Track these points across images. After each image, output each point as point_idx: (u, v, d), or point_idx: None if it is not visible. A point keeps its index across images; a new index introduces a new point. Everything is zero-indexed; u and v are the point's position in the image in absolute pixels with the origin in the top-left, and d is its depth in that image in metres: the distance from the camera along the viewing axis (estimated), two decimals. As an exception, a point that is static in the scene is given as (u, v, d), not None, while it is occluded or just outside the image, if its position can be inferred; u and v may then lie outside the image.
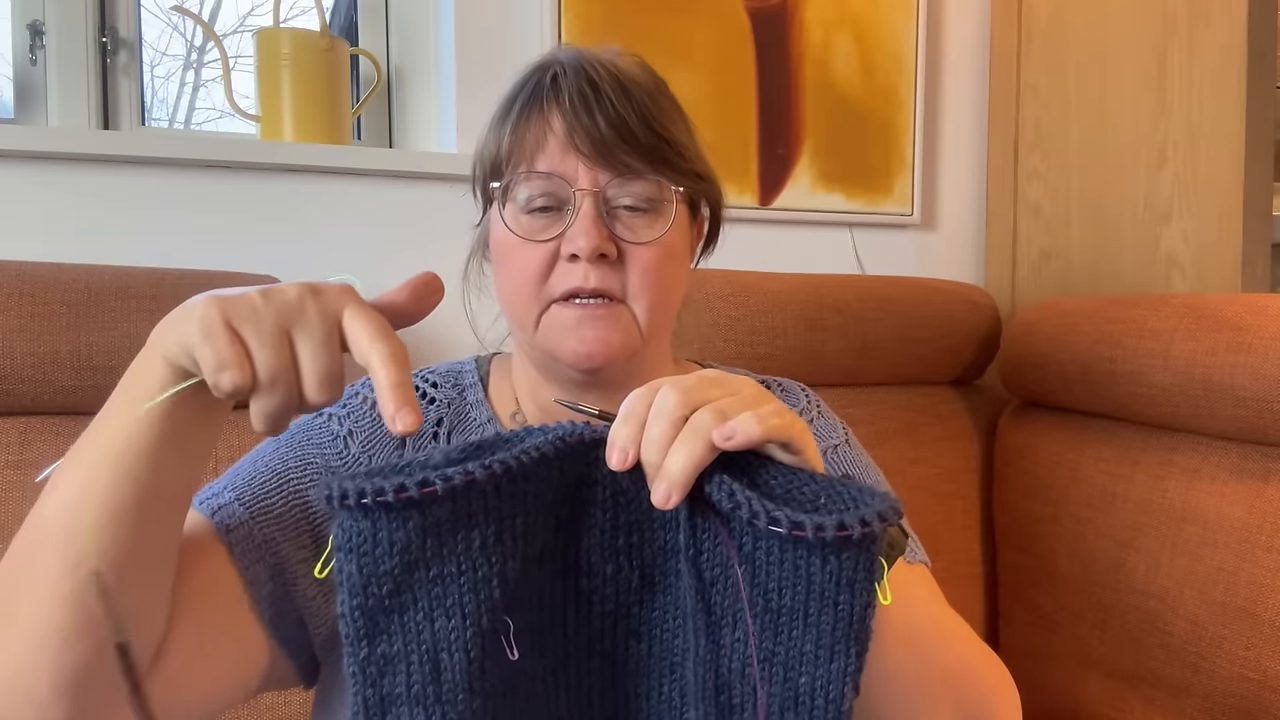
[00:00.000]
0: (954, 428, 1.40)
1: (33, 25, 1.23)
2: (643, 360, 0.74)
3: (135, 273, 0.99)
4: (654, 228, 0.69)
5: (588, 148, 0.67)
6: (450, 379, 0.80)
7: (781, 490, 0.48)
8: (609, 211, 0.69)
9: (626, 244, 0.68)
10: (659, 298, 0.70)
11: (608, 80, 0.68)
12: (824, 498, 0.47)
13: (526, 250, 0.69)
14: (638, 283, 0.69)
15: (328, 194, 1.24)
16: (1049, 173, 1.53)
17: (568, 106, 0.67)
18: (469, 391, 0.79)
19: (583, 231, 0.66)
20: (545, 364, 0.74)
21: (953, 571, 1.34)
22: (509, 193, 0.70)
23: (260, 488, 0.66)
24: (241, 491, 0.65)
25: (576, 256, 0.67)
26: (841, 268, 1.58)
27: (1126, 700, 1.14)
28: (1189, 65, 1.29)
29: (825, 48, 1.55)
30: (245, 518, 0.64)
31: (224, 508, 0.64)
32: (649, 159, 0.69)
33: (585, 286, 0.67)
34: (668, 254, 0.70)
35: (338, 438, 0.71)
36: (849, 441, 0.85)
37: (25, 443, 0.93)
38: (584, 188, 0.67)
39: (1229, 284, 1.25)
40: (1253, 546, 1.02)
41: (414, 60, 1.42)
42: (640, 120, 0.68)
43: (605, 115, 0.67)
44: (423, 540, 0.44)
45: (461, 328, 0.84)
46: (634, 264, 0.69)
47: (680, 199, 0.71)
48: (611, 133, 0.67)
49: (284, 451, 0.69)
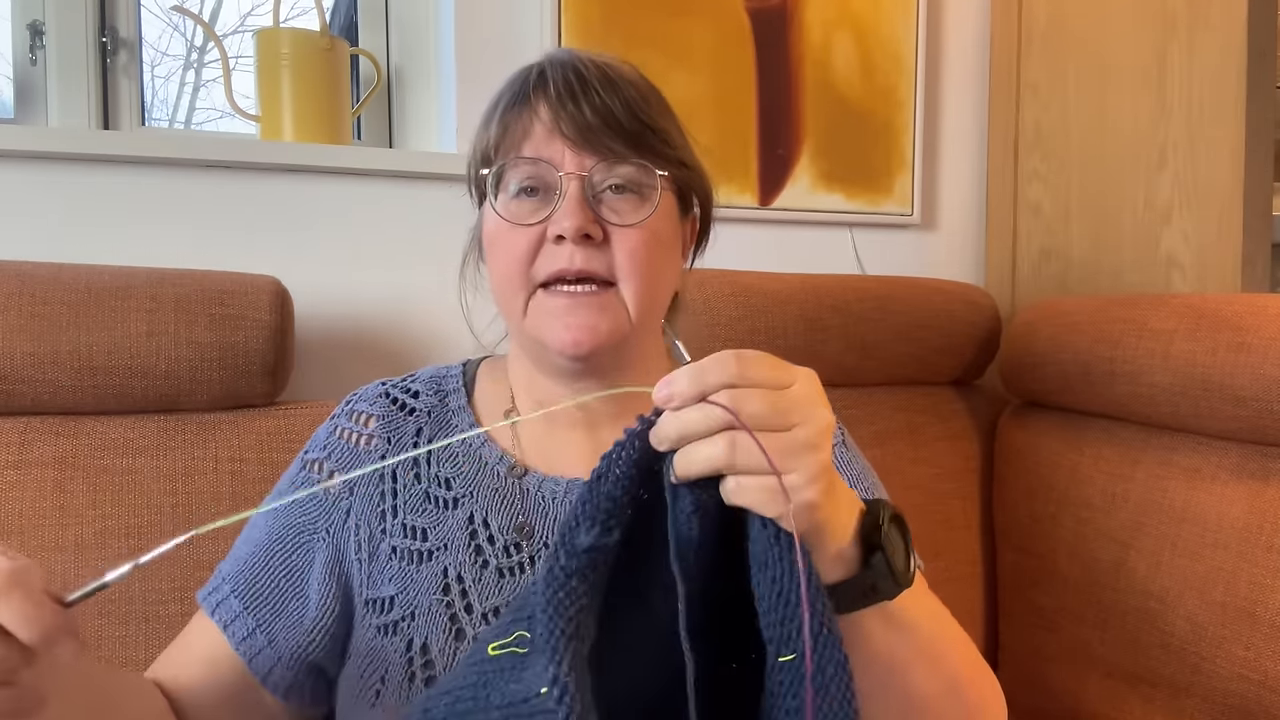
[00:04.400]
0: (954, 428, 1.40)
1: (33, 25, 1.23)
2: (633, 348, 0.74)
3: (135, 273, 0.99)
4: (639, 211, 0.70)
5: (573, 133, 0.68)
6: (433, 385, 0.81)
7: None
8: (595, 196, 0.69)
9: (612, 226, 0.69)
10: (646, 281, 0.70)
11: (595, 74, 0.70)
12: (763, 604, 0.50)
13: (515, 234, 0.69)
14: (625, 264, 0.69)
15: (328, 194, 1.24)
16: (1049, 173, 1.53)
17: (554, 95, 0.69)
18: (451, 397, 0.80)
19: (568, 213, 0.67)
20: (537, 353, 0.74)
21: (953, 571, 1.34)
22: (500, 181, 0.71)
23: (272, 603, 0.73)
24: (257, 613, 0.73)
25: (562, 238, 0.67)
26: (841, 268, 1.58)
27: (1126, 700, 1.14)
28: (1189, 66, 1.29)
29: (825, 48, 1.55)
30: (265, 644, 0.72)
31: (247, 639, 0.72)
32: (634, 144, 0.69)
33: (570, 268, 0.67)
34: (654, 238, 0.70)
35: (325, 491, 0.75)
36: (845, 442, 0.85)
37: (25, 443, 0.93)
38: (570, 171, 0.68)
39: (1229, 284, 1.25)
40: (1253, 546, 1.02)
41: (414, 60, 1.42)
42: (625, 109, 0.69)
43: (591, 103, 0.68)
44: None
45: (464, 327, 0.84)
46: (620, 246, 0.69)
47: (666, 185, 0.71)
48: (597, 119, 0.68)
49: (275, 540, 0.75)
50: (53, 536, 0.91)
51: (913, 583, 0.56)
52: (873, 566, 0.54)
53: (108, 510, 0.94)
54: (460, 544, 0.72)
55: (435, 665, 0.69)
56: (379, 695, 0.69)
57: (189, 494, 0.97)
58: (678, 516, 0.50)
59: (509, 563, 0.72)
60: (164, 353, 0.96)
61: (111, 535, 0.93)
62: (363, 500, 0.74)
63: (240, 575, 0.74)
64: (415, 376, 0.82)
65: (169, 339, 0.96)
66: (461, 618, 0.70)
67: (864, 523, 0.56)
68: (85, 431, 0.95)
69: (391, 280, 1.26)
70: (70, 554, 0.91)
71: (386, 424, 0.77)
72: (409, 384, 0.81)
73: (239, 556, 0.75)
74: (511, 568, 0.72)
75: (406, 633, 0.70)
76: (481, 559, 0.72)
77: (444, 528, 0.73)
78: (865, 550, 0.55)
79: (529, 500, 0.74)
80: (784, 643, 0.49)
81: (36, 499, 0.91)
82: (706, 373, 0.49)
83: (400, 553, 0.72)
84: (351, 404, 0.79)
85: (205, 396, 1.00)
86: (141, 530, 0.94)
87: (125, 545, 0.93)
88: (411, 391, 0.80)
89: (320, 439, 0.78)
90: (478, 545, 0.72)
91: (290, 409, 1.05)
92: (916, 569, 0.57)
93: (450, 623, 0.70)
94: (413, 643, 0.69)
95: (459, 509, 0.73)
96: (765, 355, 0.51)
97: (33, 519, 0.91)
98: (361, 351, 1.24)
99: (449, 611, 0.70)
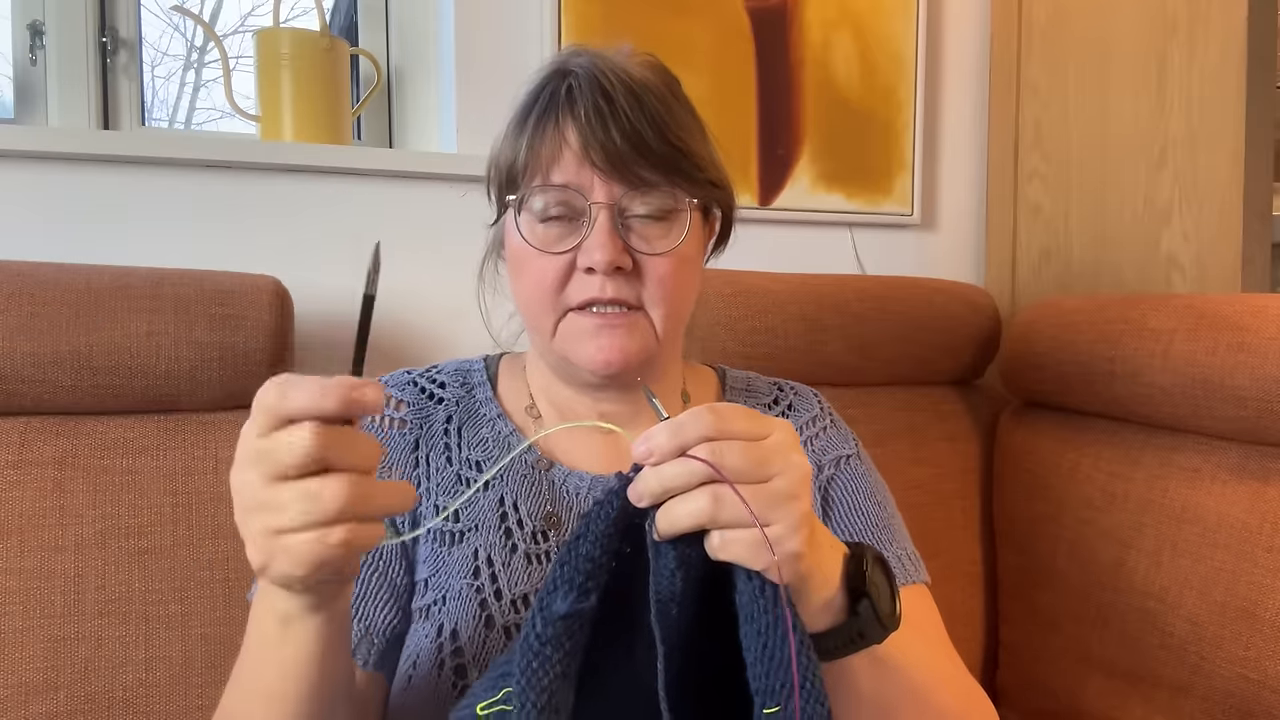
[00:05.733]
0: (954, 428, 1.40)
1: (33, 25, 1.23)
2: (657, 362, 0.76)
3: (135, 273, 0.99)
4: (669, 238, 0.70)
5: (603, 161, 0.68)
6: (458, 378, 0.82)
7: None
8: (624, 223, 0.69)
9: (642, 255, 0.69)
10: (675, 306, 0.72)
11: (622, 91, 0.69)
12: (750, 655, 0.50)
13: (543, 261, 0.70)
14: (654, 292, 0.70)
15: (328, 194, 1.24)
16: (1049, 173, 1.53)
17: (583, 120, 0.68)
18: (478, 390, 0.81)
19: (599, 245, 0.67)
20: (561, 367, 0.75)
21: (953, 571, 1.34)
22: (525, 203, 0.71)
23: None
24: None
25: (592, 269, 0.68)
26: (841, 268, 1.58)
27: (1126, 700, 1.13)
28: (1189, 65, 1.29)
29: (825, 48, 1.55)
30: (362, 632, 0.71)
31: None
32: (664, 171, 0.69)
33: (602, 297, 0.69)
34: (682, 263, 0.71)
35: None
36: (859, 454, 0.86)
37: (25, 443, 0.93)
38: (599, 200, 0.68)
39: (1229, 284, 1.25)
40: (1253, 546, 1.02)
41: (414, 60, 1.42)
42: (655, 132, 0.68)
43: (620, 128, 0.67)
44: None
45: (465, 327, 0.85)
46: (650, 274, 0.70)
47: (694, 208, 0.72)
48: (626, 145, 0.68)
49: None
50: (53, 536, 0.91)
51: (899, 625, 0.56)
52: (859, 614, 0.55)
53: (108, 510, 0.94)
54: (491, 525, 0.73)
55: (465, 653, 0.69)
56: (410, 680, 0.70)
57: (189, 494, 0.97)
58: (660, 572, 0.50)
59: (536, 550, 0.73)
60: (164, 353, 0.96)
61: (111, 535, 0.93)
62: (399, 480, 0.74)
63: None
64: (440, 368, 0.83)
65: (169, 339, 0.96)
66: (491, 604, 0.70)
67: (848, 568, 0.56)
68: (85, 431, 0.95)
69: (391, 280, 1.25)
70: (70, 554, 0.91)
71: (417, 409, 0.79)
72: (434, 374, 0.82)
73: None
74: (539, 555, 0.73)
75: (437, 618, 0.71)
76: (510, 542, 0.73)
77: (476, 509, 0.74)
78: (851, 595, 0.55)
79: (556, 491, 0.75)
80: (769, 695, 0.49)
81: (36, 499, 0.91)
82: (685, 427, 0.49)
83: (433, 533, 0.73)
84: None
85: (205, 396, 1.00)
86: (141, 530, 0.94)
87: (125, 545, 0.93)
88: (438, 382, 0.81)
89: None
90: (508, 528, 0.73)
91: (290, 409, 1.05)
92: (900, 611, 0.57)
93: (480, 609, 0.70)
94: (443, 628, 0.70)
95: (490, 491, 0.75)
96: (740, 407, 0.51)
97: (33, 519, 0.91)
98: (361, 351, 1.24)
99: (479, 597, 0.71)
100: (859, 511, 0.81)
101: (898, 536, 0.81)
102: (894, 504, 0.85)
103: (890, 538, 0.80)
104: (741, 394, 0.86)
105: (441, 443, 0.77)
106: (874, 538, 0.79)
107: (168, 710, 0.92)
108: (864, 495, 0.81)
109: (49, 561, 0.90)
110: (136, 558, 0.93)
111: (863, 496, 0.81)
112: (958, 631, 1.32)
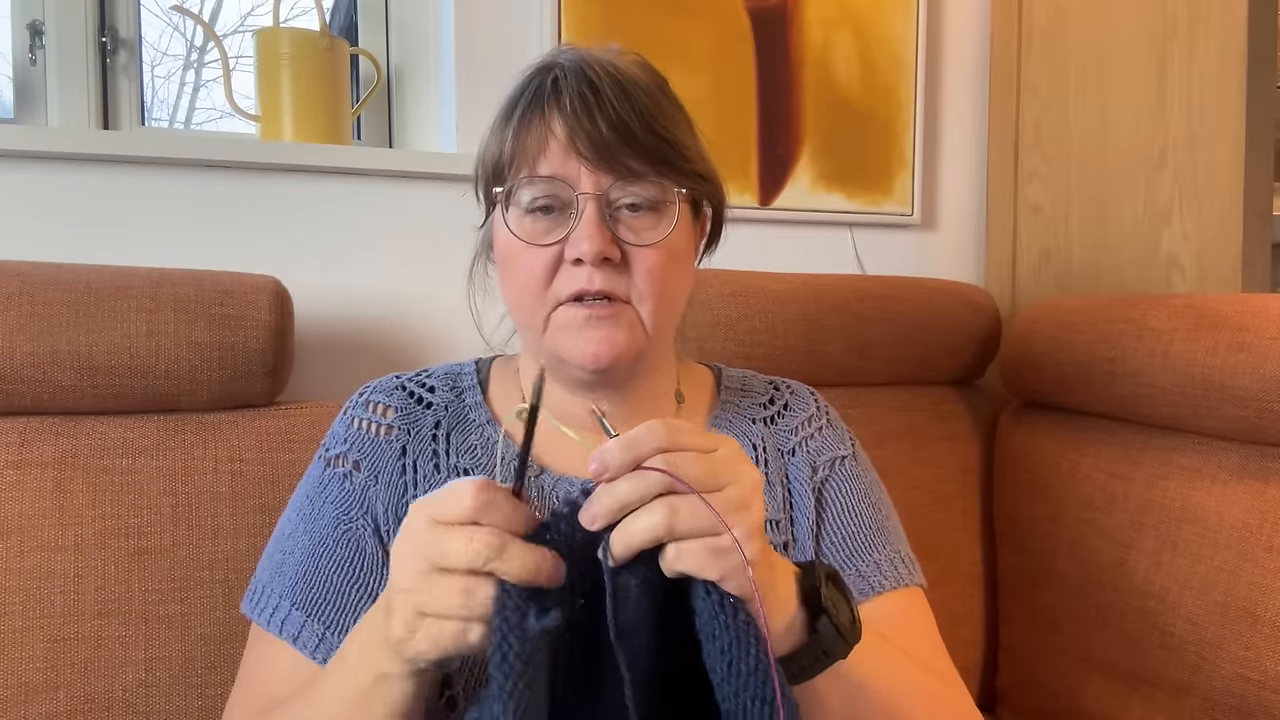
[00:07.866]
0: (954, 428, 1.40)
1: (33, 25, 1.23)
2: (648, 359, 0.75)
3: (135, 273, 0.99)
4: (657, 229, 0.69)
5: (589, 151, 0.67)
6: (448, 382, 0.81)
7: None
8: (611, 214, 0.69)
9: (630, 246, 0.69)
10: (664, 299, 0.71)
11: (608, 82, 0.68)
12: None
13: (531, 254, 0.69)
14: (643, 285, 0.69)
15: (328, 194, 1.23)
16: (1049, 173, 1.53)
17: (569, 110, 0.67)
18: (467, 394, 0.80)
19: (586, 235, 0.67)
20: (553, 365, 0.74)
21: (953, 571, 1.34)
22: (511, 196, 0.70)
23: (334, 602, 0.72)
24: (322, 616, 0.71)
25: (580, 260, 0.67)
26: (841, 268, 1.58)
27: (1126, 700, 1.13)
28: (1189, 65, 1.29)
29: (825, 48, 1.55)
30: (339, 642, 0.68)
31: (320, 645, 0.70)
32: (651, 161, 0.69)
33: (590, 288, 0.68)
34: (671, 255, 0.71)
35: (346, 478, 0.75)
36: (855, 455, 0.85)
37: (25, 443, 0.93)
38: (586, 191, 0.68)
39: (1229, 284, 1.25)
40: (1253, 546, 1.02)
41: (414, 60, 1.42)
42: (641, 122, 0.68)
43: (606, 118, 0.67)
44: None
45: (464, 327, 0.84)
46: (638, 266, 0.69)
47: (683, 200, 0.71)
48: (613, 135, 0.67)
49: (318, 542, 0.73)
50: (53, 536, 0.91)
51: (861, 637, 0.56)
52: (820, 631, 0.55)
53: (108, 510, 0.94)
54: None
55: (450, 663, 0.69)
56: None
57: (189, 494, 0.97)
58: (624, 598, 0.50)
59: None
60: (164, 353, 0.96)
61: (111, 535, 0.93)
62: (386, 489, 0.74)
63: (296, 587, 0.72)
64: (430, 372, 0.82)
65: (169, 339, 0.96)
66: None
67: (803, 588, 0.56)
68: (85, 431, 0.95)
69: (391, 280, 1.26)
70: (70, 554, 0.91)
71: (404, 415, 0.77)
72: (424, 379, 0.81)
73: (285, 569, 0.73)
74: None
75: None
76: None
77: None
78: (809, 614, 0.55)
79: (545, 499, 0.74)
80: (741, 714, 0.48)
81: (36, 499, 0.91)
82: (638, 440, 0.50)
83: None
84: (366, 395, 0.79)
85: (205, 396, 1.00)
86: (141, 531, 0.94)
87: (125, 545, 0.93)
88: (427, 386, 0.80)
89: (339, 434, 0.78)
90: None
91: (290, 409, 1.05)
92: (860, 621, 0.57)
93: None
94: None
95: None
96: (687, 423, 0.52)
97: (33, 519, 0.91)
98: (361, 351, 1.24)
99: None
100: (852, 514, 0.80)
101: (892, 539, 0.81)
102: (891, 505, 0.84)
103: (884, 540, 0.80)
104: (737, 393, 0.85)
105: (430, 449, 0.76)
106: (868, 540, 0.79)
107: (168, 710, 0.92)
108: (858, 497, 0.81)
109: (49, 562, 0.90)
110: (136, 558, 0.93)
111: (857, 498, 0.81)
112: (958, 632, 1.32)
